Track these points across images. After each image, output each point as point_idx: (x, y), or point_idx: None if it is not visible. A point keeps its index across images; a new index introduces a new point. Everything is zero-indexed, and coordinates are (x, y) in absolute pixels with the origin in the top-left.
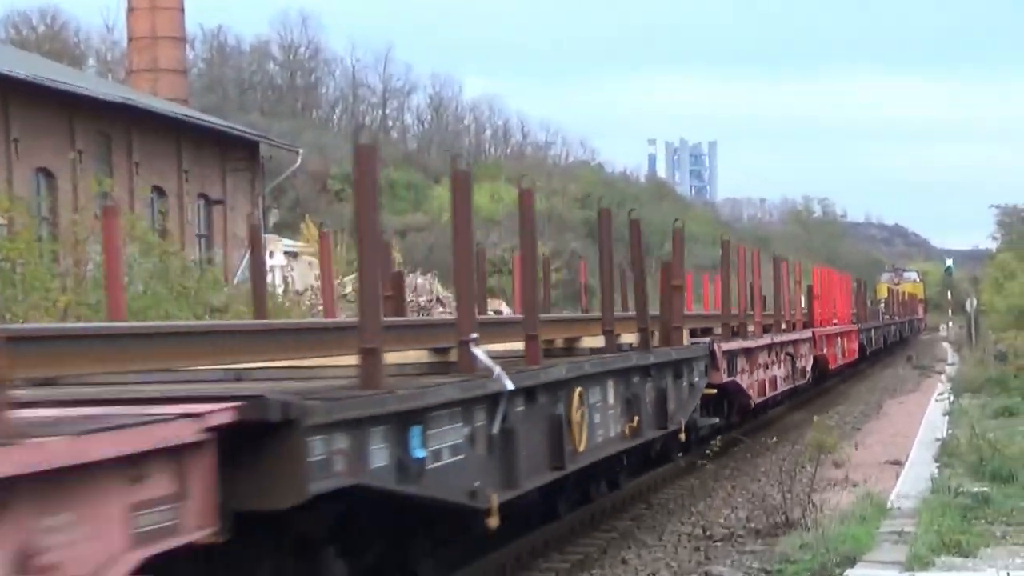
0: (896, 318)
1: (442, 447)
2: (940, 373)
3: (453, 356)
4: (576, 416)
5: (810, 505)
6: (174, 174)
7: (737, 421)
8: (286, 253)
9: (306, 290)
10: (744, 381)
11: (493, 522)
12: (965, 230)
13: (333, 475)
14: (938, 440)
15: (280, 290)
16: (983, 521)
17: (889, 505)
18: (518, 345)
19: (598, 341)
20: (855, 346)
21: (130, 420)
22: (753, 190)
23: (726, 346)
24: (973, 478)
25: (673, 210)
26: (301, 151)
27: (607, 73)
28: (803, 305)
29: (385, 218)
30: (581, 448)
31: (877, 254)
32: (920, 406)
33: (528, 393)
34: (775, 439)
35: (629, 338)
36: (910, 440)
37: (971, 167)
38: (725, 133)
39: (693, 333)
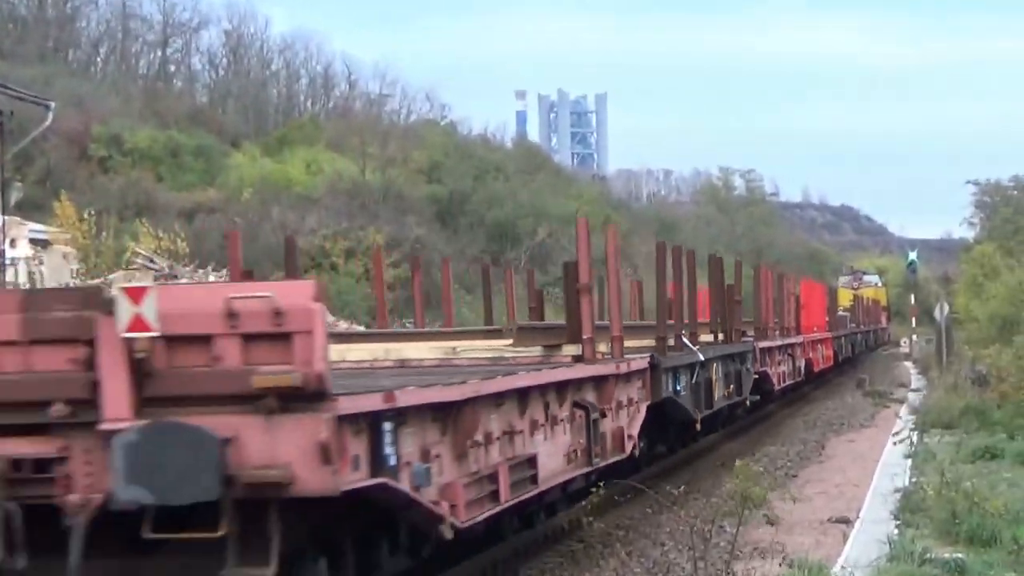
0: (861, 326)
1: (681, 385)
2: (901, 402)
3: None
4: (715, 379)
5: None
6: None
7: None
8: (33, 241)
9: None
10: (771, 372)
11: (697, 426)
12: (932, 214)
13: (669, 392)
14: (898, 491)
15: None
16: None
17: None
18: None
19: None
20: (831, 353)
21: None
22: (655, 159)
23: (761, 344)
24: (943, 540)
25: (550, 186)
26: (53, 105)
27: (462, 8)
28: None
29: (164, 195)
30: (716, 399)
31: (820, 244)
32: (875, 445)
33: (703, 364)
34: (683, 488)
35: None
36: (862, 490)
37: (935, 132)
38: (617, 85)
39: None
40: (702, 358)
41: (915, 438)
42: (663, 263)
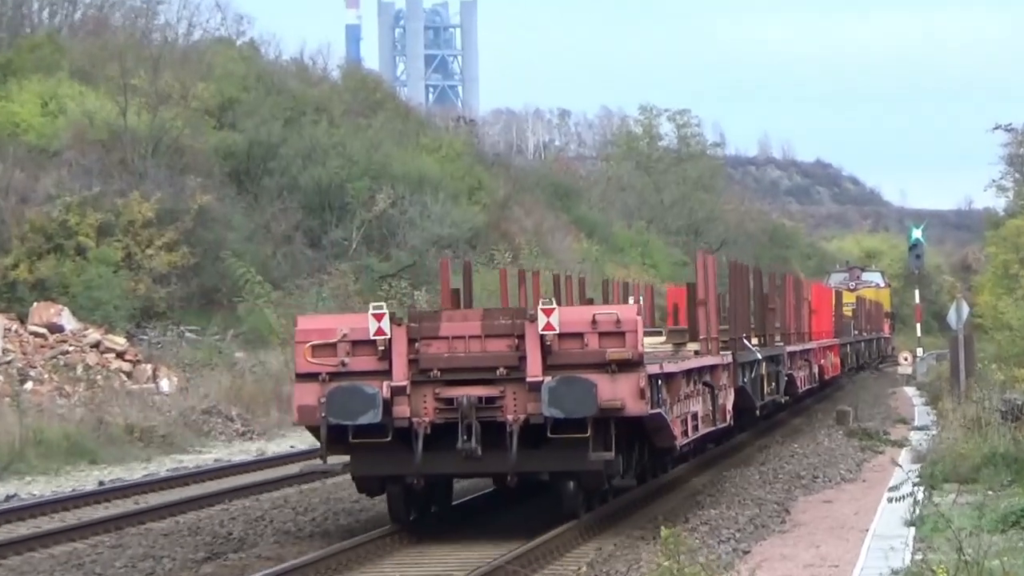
0: (864, 334)
1: (747, 378)
2: (899, 445)
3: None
4: (765, 376)
5: None
6: None
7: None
8: None
9: None
10: (796, 375)
11: (757, 412)
12: (944, 175)
13: (743, 382)
14: (896, 574)
15: None
16: None
17: None
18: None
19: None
20: (838, 360)
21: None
22: (546, 95)
23: (789, 348)
24: None
25: (394, 133)
26: None
27: None
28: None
29: None
30: (765, 393)
31: (784, 218)
32: (862, 508)
33: (757, 362)
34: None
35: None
36: (843, 574)
37: (946, 53)
38: None
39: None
40: (759, 356)
41: (920, 497)
42: (738, 279)
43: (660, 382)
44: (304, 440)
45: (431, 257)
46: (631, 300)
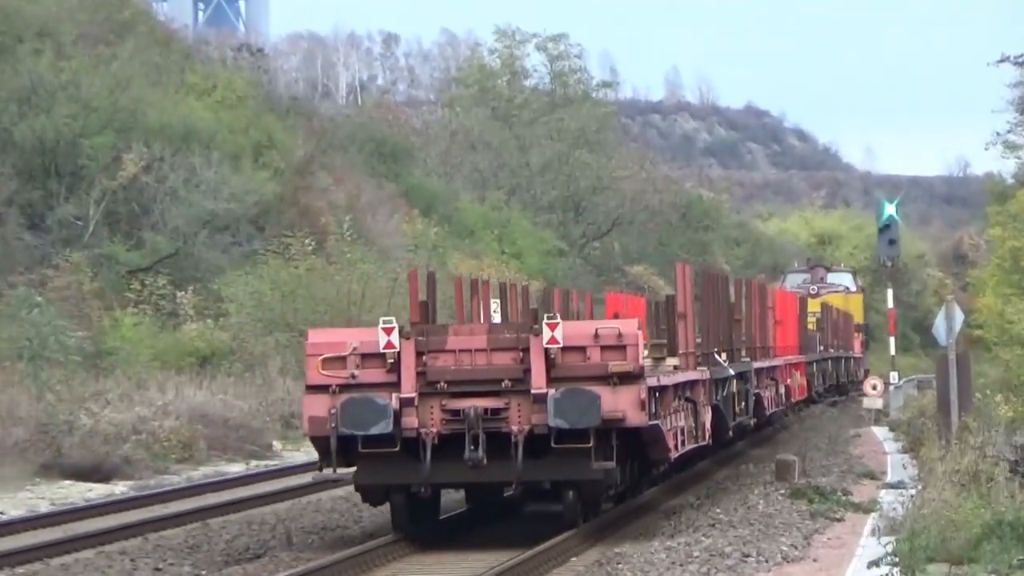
0: (831, 350)
1: (720, 396)
2: (864, 511)
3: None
4: (736, 395)
5: None
6: None
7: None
8: None
9: None
10: (763, 395)
11: (729, 433)
12: (926, 128)
13: (718, 400)
14: None
15: None
16: None
17: None
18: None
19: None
20: (804, 382)
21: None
22: (361, 15)
23: (756, 365)
24: None
25: (149, 68)
26: None
27: None
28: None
29: None
30: (737, 412)
31: (703, 187)
32: None
33: (728, 380)
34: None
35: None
36: None
37: None
38: None
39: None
40: (732, 373)
41: None
42: (712, 290)
43: (656, 395)
44: None
45: (201, 244)
46: (493, 306)
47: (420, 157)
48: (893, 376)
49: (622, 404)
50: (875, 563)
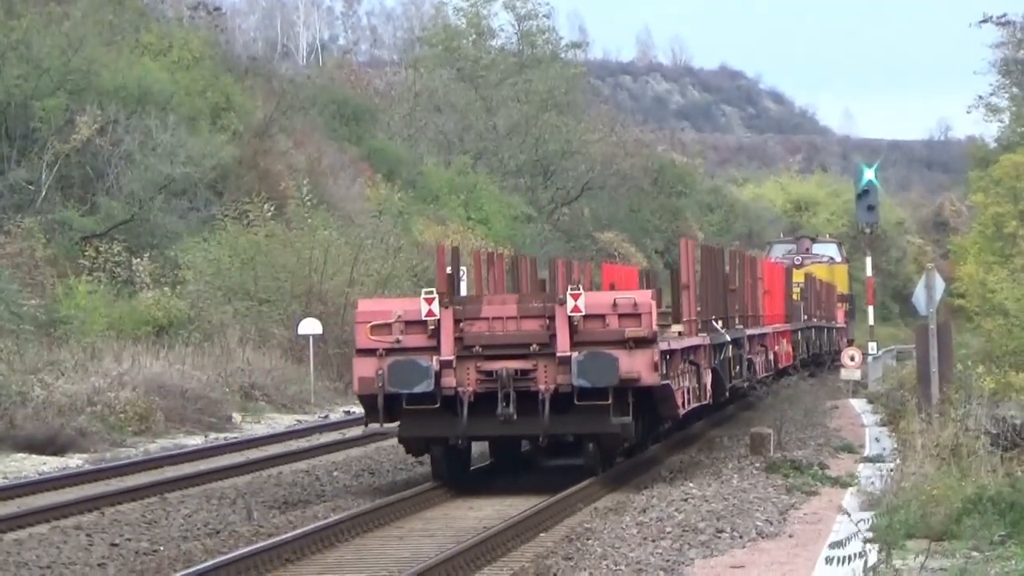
0: (815, 320)
1: (718, 360)
2: (842, 485)
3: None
4: (732, 359)
5: None
6: None
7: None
8: None
9: None
10: (755, 360)
11: (726, 394)
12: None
13: (716, 363)
14: None
15: None
16: None
17: None
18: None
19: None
20: (790, 349)
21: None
22: None
23: (748, 332)
24: None
25: (96, 28)
26: None
27: None
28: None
29: None
30: (732, 375)
31: (675, 151)
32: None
33: (725, 345)
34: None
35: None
36: None
37: None
38: None
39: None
40: (729, 339)
41: (874, 560)
42: (711, 262)
43: (667, 358)
44: None
45: (157, 209)
46: (463, 274)
47: (383, 119)
48: (872, 347)
49: (637, 366)
50: (839, 544)
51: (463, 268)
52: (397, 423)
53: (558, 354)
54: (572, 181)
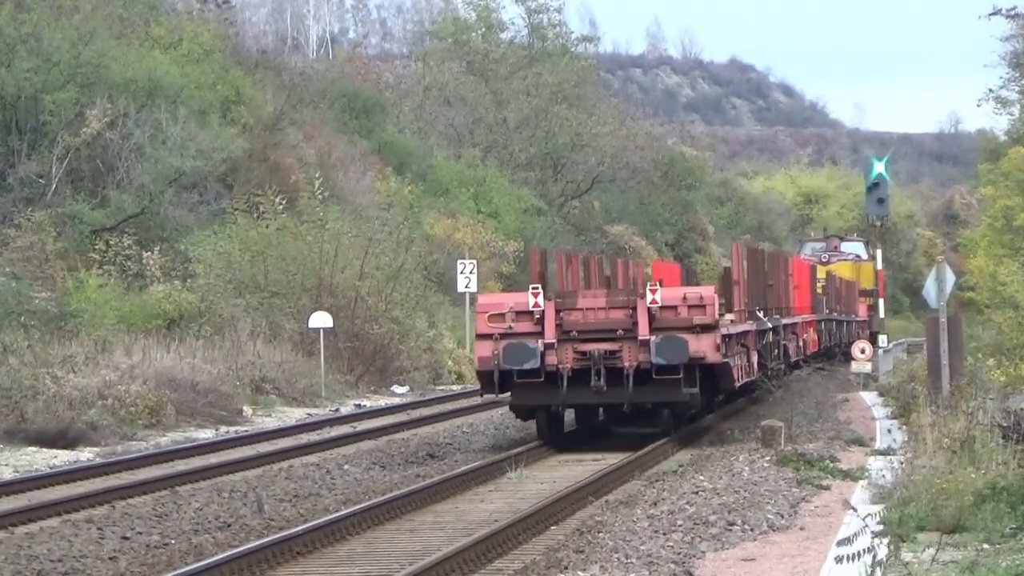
0: (835, 313)
1: (762, 344)
2: (852, 478)
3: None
4: (772, 343)
5: None
6: None
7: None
8: None
9: None
10: (790, 346)
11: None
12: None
13: (760, 345)
14: None
15: None
16: None
17: None
18: None
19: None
20: (816, 337)
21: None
22: None
23: (784, 321)
24: None
25: (106, 22)
26: None
27: None
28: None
29: None
30: (772, 358)
31: (685, 144)
32: (799, 570)
33: (767, 331)
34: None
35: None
36: None
37: None
38: None
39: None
40: (771, 325)
41: (884, 553)
42: (755, 261)
43: (726, 340)
44: None
45: (167, 202)
46: (471, 268)
47: (393, 113)
48: (882, 339)
49: (703, 347)
50: (847, 540)
51: (471, 262)
52: (508, 394)
53: (639, 337)
54: (582, 174)
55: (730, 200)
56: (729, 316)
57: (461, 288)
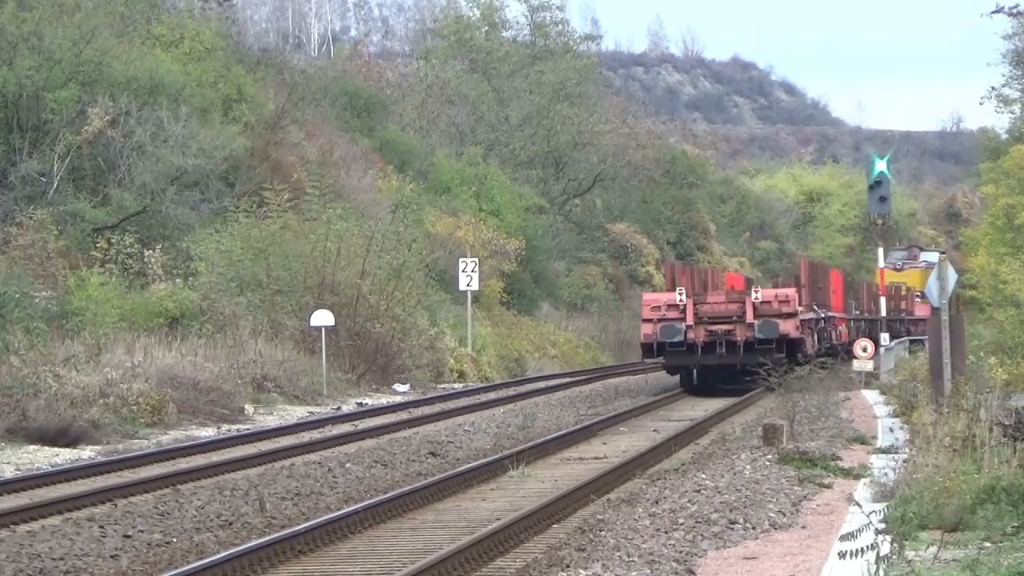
0: (863, 313)
1: (820, 328)
2: (855, 476)
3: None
4: (824, 328)
5: None
6: None
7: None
8: None
9: None
10: (832, 333)
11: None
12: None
13: (819, 329)
14: None
15: None
16: None
17: None
18: None
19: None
20: (846, 331)
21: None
22: None
23: (828, 314)
24: None
25: (108, 20)
26: None
27: None
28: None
29: None
30: (826, 337)
31: (687, 143)
32: (801, 569)
33: (822, 319)
34: None
35: None
36: None
37: None
38: None
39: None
40: (822, 316)
41: (886, 551)
42: (814, 270)
43: (802, 324)
44: None
45: (169, 200)
46: (474, 267)
47: (395, 111)
48: (884, 338)
49: (789, 327)
50: (850, 536)
51: (473, 260)
52: (660, 359)
53: (747, 321)
54: (584, 172)
55: (732, 198)
56: (800, 308)
57: (463, 286)
